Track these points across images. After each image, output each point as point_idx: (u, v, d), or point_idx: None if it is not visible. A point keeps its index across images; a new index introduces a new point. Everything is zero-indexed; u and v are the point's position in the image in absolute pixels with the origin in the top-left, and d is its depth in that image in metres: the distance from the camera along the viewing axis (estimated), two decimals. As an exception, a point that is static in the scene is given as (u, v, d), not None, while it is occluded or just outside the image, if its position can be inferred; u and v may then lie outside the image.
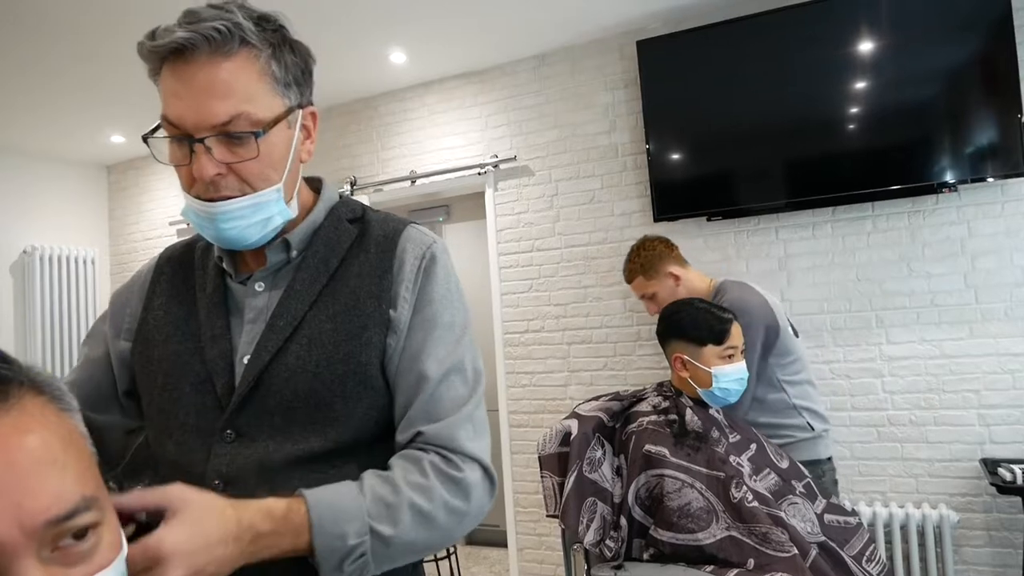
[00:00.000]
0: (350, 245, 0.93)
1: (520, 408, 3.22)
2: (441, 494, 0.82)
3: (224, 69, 0.79)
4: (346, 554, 0.75)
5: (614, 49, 3.07)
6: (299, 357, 0.85)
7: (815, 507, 1.67)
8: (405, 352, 0.88)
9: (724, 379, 1.66)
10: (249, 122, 0.80)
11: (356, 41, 3.00)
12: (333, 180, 3.69)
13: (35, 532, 0.43)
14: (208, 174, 0.80)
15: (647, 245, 2.36)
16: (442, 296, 0.92)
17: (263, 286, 0.91)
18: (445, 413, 0.86)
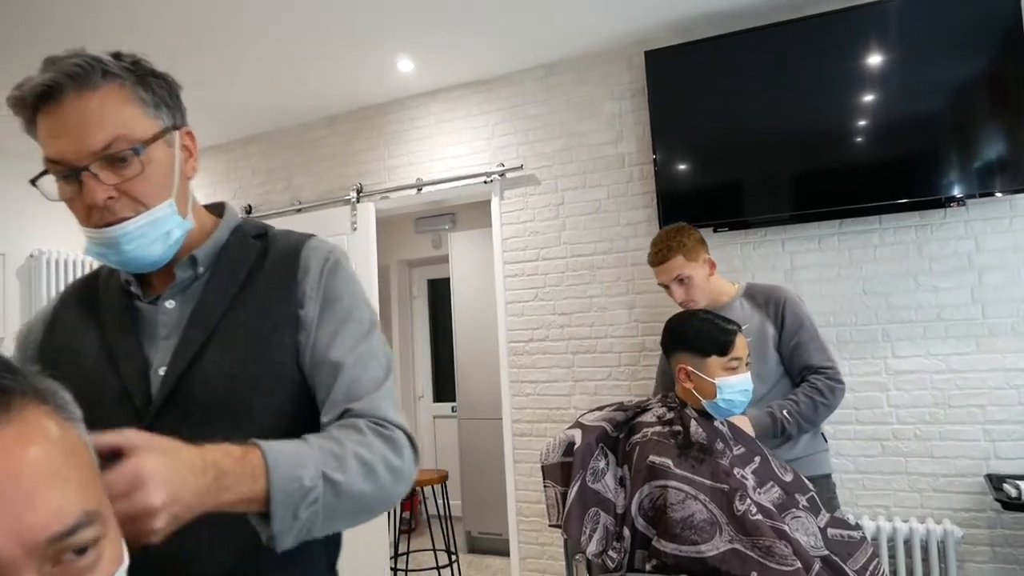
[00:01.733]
0: (256, 258, 1.00)
1: (524, 417, 3.22)
2: (380, 448, 0.88)
3: (93, 100, 0.84)
4: (301, 498, 0.77)
5: (622, 59, 3.08)
6: (214, 362, 0.91)
7: (818, 521, 1.66)
8: (317, 346, 0.95)
9: (728, 390, 1.65)
10: (127, 142, 0.86)
11: (364, 50, 3.01)
12: (339, 187, 3.70)
13: (36, 548, 0.42)
14: (100, 198, 0.84)
15: (687, 229, 2.24)
16: (348, 293, 1.00)
17: (173, 303, 0.96)
18: (367, 391, 0.93)
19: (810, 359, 2.09)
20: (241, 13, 2.64)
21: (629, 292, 3.02)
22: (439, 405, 6.01)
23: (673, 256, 2.19)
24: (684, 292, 2.19)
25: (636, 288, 3.01)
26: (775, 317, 2.12)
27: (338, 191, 3.71)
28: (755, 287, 2.22)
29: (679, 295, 2.21)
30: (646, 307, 2.98)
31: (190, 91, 1.03)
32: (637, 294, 3.01)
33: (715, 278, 2.22)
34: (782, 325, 2.11)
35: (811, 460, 2.12)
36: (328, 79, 3.31)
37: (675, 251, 2.19)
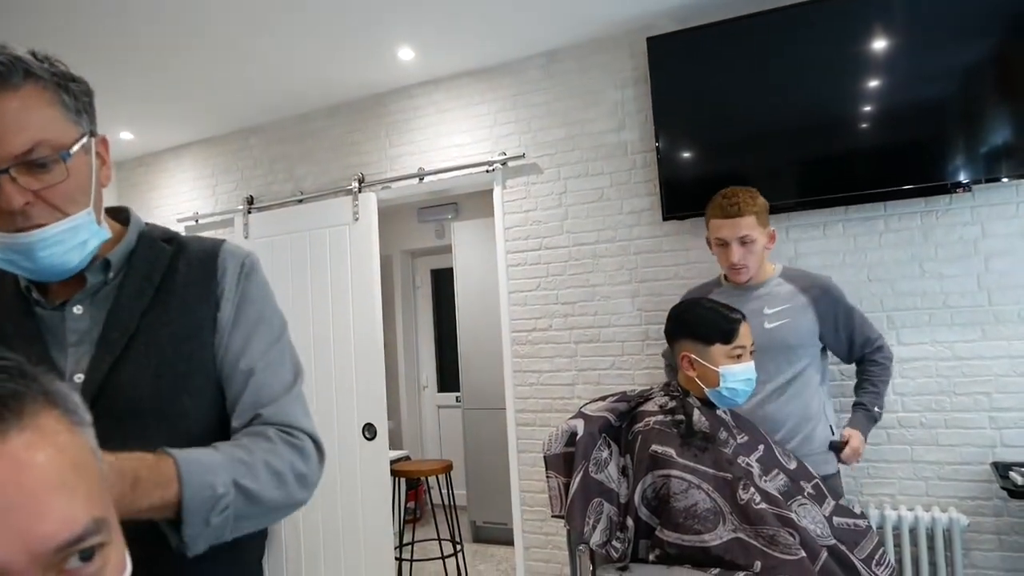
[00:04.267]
0: (169, 261, 0.99)
1: (527, 407, 3.21)
2: (288, 455, 0.91)
3: (14, 100, 0.80)
4: (213, 504, 0.79)
5: (623, 46, 3.05)
6: (138, 363, 0.90)
7: (823, 509, 1.65)
8: (230, 348, 0.97)
9: (732, 379, 1.64)
10: (50, 148, 0.83)
11: (364, 38, 2.99)
12: (341, 178, 3.69)
13: (43, 557, 0.42)
14: (17, 203, 0.81)
15: (758, 194, 2.15)
16: (261, 298, 1.02)
17: (82, 309, 0.94)
18: (276, 395, 0.96)
19: (867, 334, 2.18)
20: (240, 3, 2.62)
21: (632, 281, 3.01)
22: (443, 395, 6.01)
23: (748, 213, 2.07)
24: (742, 254, 2.09)
25: (639, 277, 2.99)
26: (817, 304, 2.12)
27: (340, 181, 3.69)
28: (796, 271, 2.23)
29: (736, 255, 2.10)
30: (649, 296, 2.97)
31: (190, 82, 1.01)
32: (640, 283, 2.99)
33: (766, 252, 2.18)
34: (829, 313, 2.12)
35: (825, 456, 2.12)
36: (329, 69, 3.29)
37: (751, 209, 2.08)
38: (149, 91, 3.34)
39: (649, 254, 2.98)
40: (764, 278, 2.18)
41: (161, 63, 3.04)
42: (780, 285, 2.16)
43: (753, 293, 2.17)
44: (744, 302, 2.08)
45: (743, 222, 2.07)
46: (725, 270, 2.22)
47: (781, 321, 2.11)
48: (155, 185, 4.38)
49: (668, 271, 2.94)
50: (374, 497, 3.36)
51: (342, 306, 3.48)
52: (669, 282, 2.93)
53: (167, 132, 4.07)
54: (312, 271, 3.59)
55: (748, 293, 2.17)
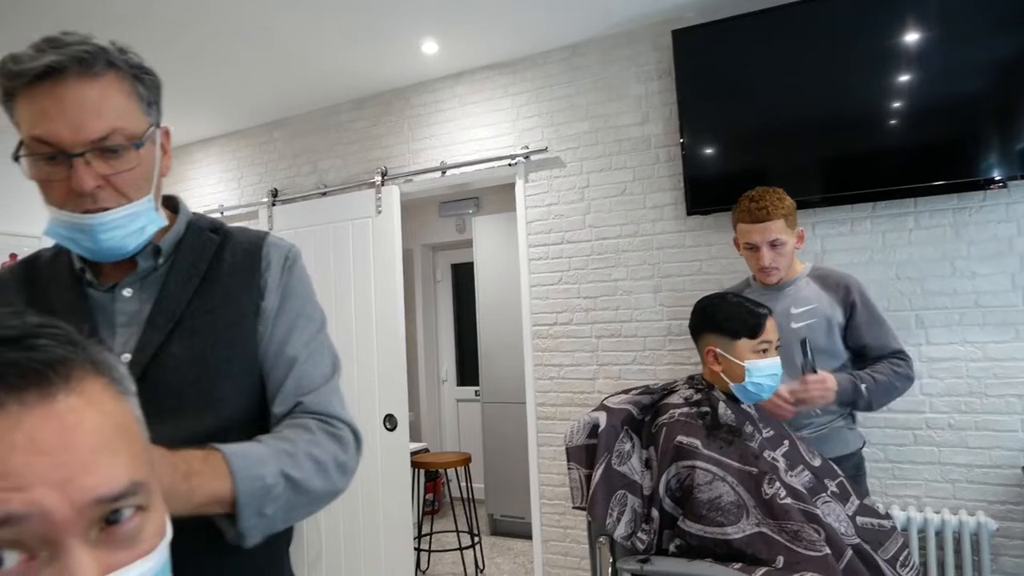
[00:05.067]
0: (215, 251, 1.02)
1: (548, 400, 3.20)
2: (329, 446, 0.93)
3: (94, 88, 0.85)
4: (264, 495, 0.81)
5: (648, 39, 3.03)
6: (184, 347, 0.93)
7: (847, 508, 1.63)
8: (273, 338, 0.99)
9: (757, 374, 1.62)
10: (123, 136, 0.87)
11: (388, 32, 2.99)
12: (364, 171, 3.70)
13: (85, 510, 0.43)
14: (89, 186, 0.85)
15: (784, 193, 2.12)
16: (304, 292, 1.05)
17: (131, 292, 0.97)
18: (316, 385, 0.99)
19: (889, 344, 2.08)
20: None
21: (655, 276, 2.98)
22: (462, 389, 6.02)
23: (776, 217, 2.05)
24: (772, 257, 2.08)
25: (662, 272, 2.97)
26: (844, 303, 2.08)
27: (363, 175, 3.70)
28: (823, 269, 2.18)
29: (766, 258, 2.08)
30: (672, 291, 2.94)
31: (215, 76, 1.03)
32: (663, 278, 2.97)
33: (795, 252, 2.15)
34: (852, 312, 2.07)
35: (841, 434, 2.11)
36: (353, 63, 3.29)
37: (779, 212, 2.06)
38: (179, 86, 3.37)
39: (672, 249, 2.95)
40: (793, 276, 2.15)
41: (190, 59, 3.06)
42: (808, 284, 2.14)
43: (781, 293, 2.15)
44: (773, 302, 2.06)
45: (772, 226, 2.05)
46: (755, 272, 2.19)
47: (807, 321, 2.08)
48: (182, 177, 4.42)
49: (691, 266, 2.91)
50: (394, 487, 3.37)
51: (364, 298, 3.49)
52: (692, 277, 2.90)
53: (195, 125, 4.10)
54: (335, 264, 3.61)
55: (777, 293, 2.15)
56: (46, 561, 0.42)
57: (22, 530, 0.41)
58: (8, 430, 0.42)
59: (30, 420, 0.42)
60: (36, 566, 0.42)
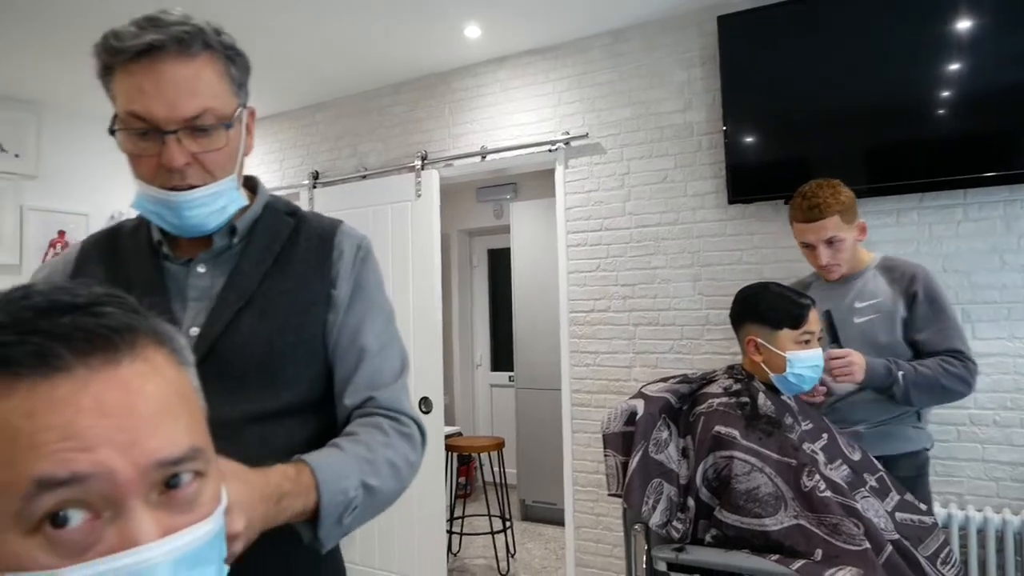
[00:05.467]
0: (289, 234, 1.04)
1: (583, 387, 3.20)
2: (402, 447, 0.95)
3: (190, 68, 0.87)
4: (345, 507, 0.83)
5: (692, 25, 2.99)
6: (252, 327, 0.94)
7: (886, 504, 1.61)
8: (345, 327, 1.00)
9: (799, 365, 1.61)
10: (215, 116, 0.89)
11: (432, 16, 3.00)
12: (404, 155, 3.72)
13: (147, 472, 0.45)
14: (179, 162, 0.87)
15: (843, 187, 2.00)
16: (376, 283, 1.06)
17: (205, 268, 0.99)
18: (387, 381, 1.00)
19: (947, 341, 1.92)
20: (312, -23, 2.65)
21: (694, 264, 2.96)
22: (496, 374, 6.06)
23: (830, 215, 1.95)
24: (831, 255, 1.99)
25: (701, 261, 2.94)
26: (906, 294, 1.96)
27: (403, 158, 3.72)
28: (893, 260, 2.06)
29: (824, 257, 1.99)
30: (711, 280, 2.92)
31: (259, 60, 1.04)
32: (702, 267, 2.94)
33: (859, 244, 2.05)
34: (912, 303, 1.95)
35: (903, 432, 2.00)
36: (396, 46, 3.31)
37: (832, 209, 1.95)
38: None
39: (712, 238, 2.92)
40: (859, 269, 2.05)
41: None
42: (875, 277, 2.02)
43: (846, 287, 2.05)
44: (837, 297, 2.01)
45: (827, 224, 1.96)
46: (816, 270, 2.11)
47: (870, 316, 1.98)
48: (224, 159, 4.49)
49: (732, 255, 2.88)
50: (428, 469, 3.40)
51: (402, 282, 3.52)
52: (732, 267, 2.87)
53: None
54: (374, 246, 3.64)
55: (841, 287, 2.06)
56: (109, 520, 0.44)
57: (87, 489, 0.43)
58: (75, 393, 0.43)
59: (96, 384, 0.44)
60: (100, 525, 0.44)
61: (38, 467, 0.42)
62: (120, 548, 0.44)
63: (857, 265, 2.05)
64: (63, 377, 0.43)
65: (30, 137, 3.87)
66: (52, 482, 0.42)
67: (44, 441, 0.42)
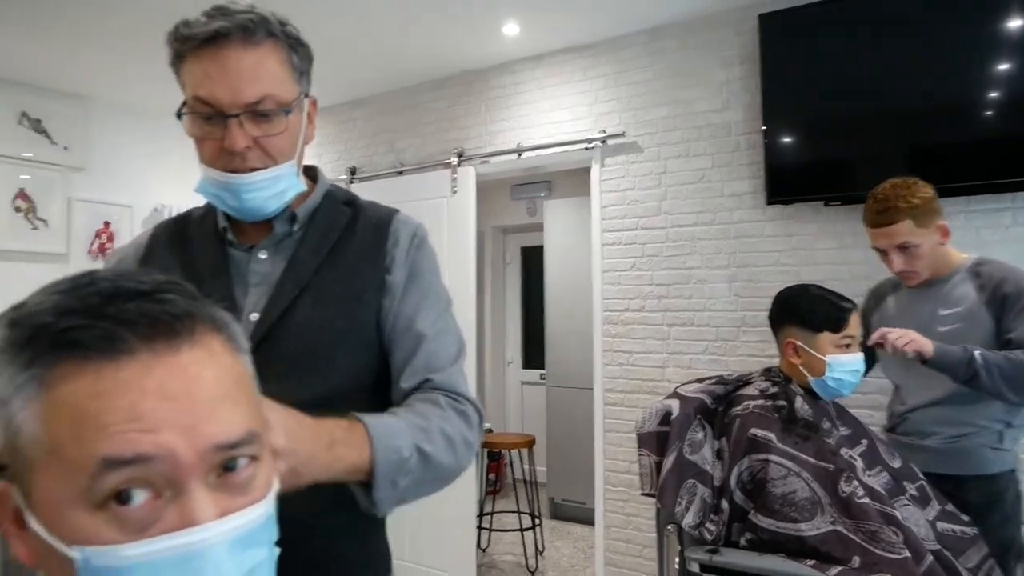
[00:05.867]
0: (346, 224, 1.05)
1: (616, 387, 3.19)
2: (457, 423, 0.94)
3: (254, 55, 0.90)
4: (399, 467, 0.83)
5: (731, 23, 2.96)
6: (305, 315, 0.96)
7: (926, 513, 1.58)
8: (401, 313, 1.01)
9: (839, 369, 1.59)
10: (275, 102, 0.92)
11: (471, 13, 3.01)
12: (440, 151, 3.74)
13: (206, 454, 0.47)
14: (240, 145, 0.90)
15: (920, 187, 1.83)
16: (432, 270, 1.07)
17: (266, 254, 1.02)
18: (444, 365, 1.00)
19: None
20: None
21: (730, 265, 2.93)
22: (527, 372, 6.06)
23: (900, 219, 1.80)
24: (905, 261, 1.84)
25: (738, 261, 2.91)
26: (994, 298, 1.78)
27: (439, 155, 3.74)
28: (982, 262, 1.87)
29: (898, 263, 1.85)
30: (747, 281, 2.89)
31: None
32: (739, 267, 2.91)
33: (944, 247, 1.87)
34: (1002, 306, 1.77)
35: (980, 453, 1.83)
36: (434, 43, 3.33)
37: (903, 214, 1.80)
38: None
39: (750, 239, 2.89)
40: (945, 273, 1.88)
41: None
42: (963, 282, 1.85)
43: (929, 293, 1.90)
44: (920, 303, 1.89)
45: (898, 229, 1.81)
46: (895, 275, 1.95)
47: (954, 325, 1.82)
48: (264, 153, 4.56)
49: (769, 257, 2.85)
50: (459, 465, 3.43)
51: (436, 277, 3.54)
52: (769, 268, 2.84)
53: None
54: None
55: (924, 293, 1.91)
56: (169, 500, 0.46)
57: (150, 469, 0.44)
58: (139, 376, 0.45)
59: (159, 368, 0.46)
60: (161, 504, 0.45)
61: (105, 447, 0.43)
62: (179, 527, 0.45)
63: (942, 269, 1.88)
64: (128, 361, 0.45)
65: (79, 130, 3.97)
66: (118, 461, 0.43)
67: (110, 422, 0.44)
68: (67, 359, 0.45)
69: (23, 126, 3.75)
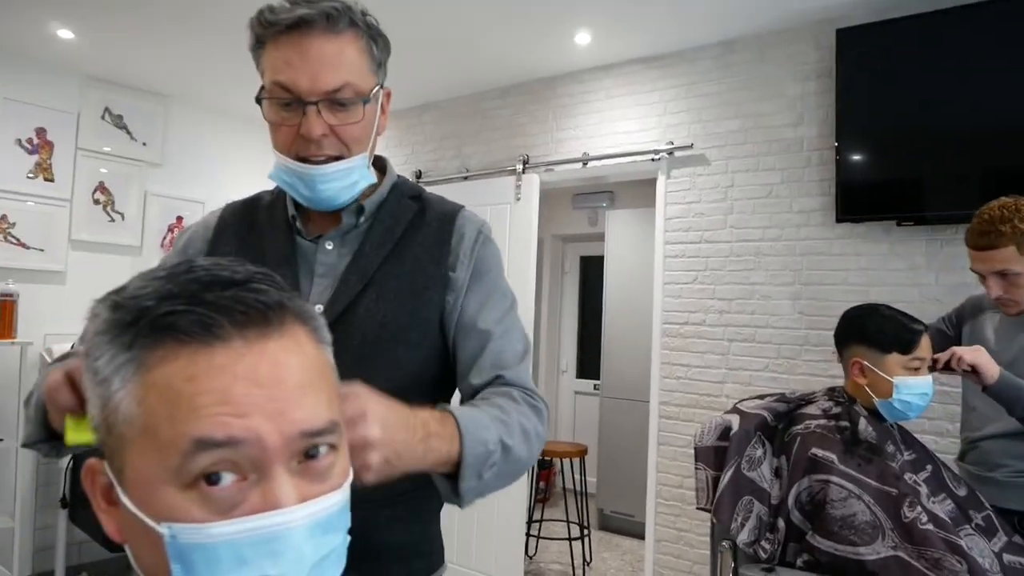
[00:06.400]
0: (411, 218, 1.05)
1: (672, 400, 3.17)
2: (532, 418, 0.95)
3: (335, 44, 0.91)
4: (485, 460, 0.83)
5: (808, 37, 2.92)
6: (368, 309, 0.96)
7: (992, 544, 1.53)
8: (466, 310, 1.01)
9: (907, 391, 1.55)
10: (353, 91, 0.92)
11: (544, 22, 3.04)
12: (506, 158, 3.79)
13: (291, 441, 0.49)
14: (317, 132, 0.91)
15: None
16: (497, 268, 1.07)
17: (332, 245, 1.02)
18: (512, 363, 1.00)
19: None
20: (430, -17, 2.74)
21: (796, 283, 2.88)
22: (581, 381, 6.05)
23: (1003, 244, 1.66)
24: (1003, 288, 1.71)
25: (803, 279, 2.86)
26: None
27: (504, 161, 3.78)
28: None
29: (995, 290, 1.72)
30: (812, 300, 2.83)
31: None
32: (804, 285, 2.86)
33: None
34: None
35: None
36: (505, 51, 3.37)
37: (1006, 239, 1.65)
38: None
39: (817, 256, 2.84)
40: None
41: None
42: None
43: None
44: (1014, 333, 1.79)
45: (999, 255, 1.67)
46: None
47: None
48: (334, 155, 4.67)
49: (836, 275, 2.79)
50: (511, 470, 3.45)
51: (497, 282, 3.57)
52: (836, 287, 2.78)
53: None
54: (471, 246, 3.72)
55: (1019, 323, 1.80)
56: (254, 483, 0.48)
57: (239, 452, 0.47)
58: (232, 362, 0.47)
59: (250, 355, 0.48)
60: (246, 486, 0.47)
61: (197, 428, 0.46)
62: (263, 509, 0.47)
63: None
64: (221, 346, 0.47)
65: (157, 127, 4.14)
66: (209, 443, 0.46)
67: (203, 404, 0.46)
68: (165, 342, 0.47)
69: (105, 121, 3.94)
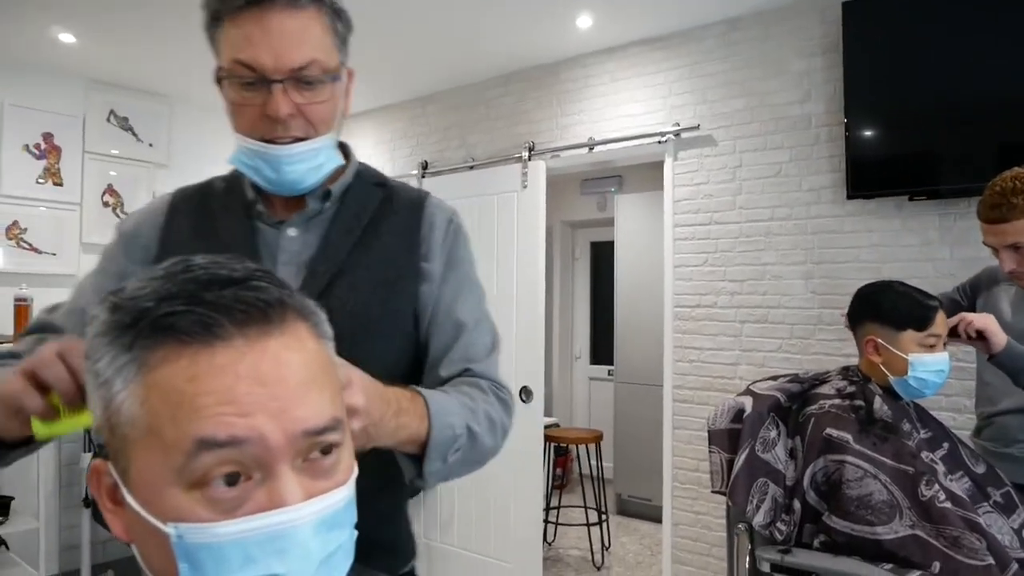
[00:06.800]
0: (378, 205, 1.02)
1: (686, 383, 3.15)
2: (498, 409, 0.95)
3: (298, 19, 0.86)
4: (451, 443, 0.83)
5: (813, 12, 2.87)
6: (340, 299, 0.92)
7: (1011, 521, 1.51)
8: (440, 301, 1.00)
9: (922, 368, 1.53)
10: (320, 69, 0.88)
11: (544, 4, 3.00)
12: (511, 146, 3.77)
13: (294, 439, 0.48)
14: (283, 112, 0.86)
15: None
16: (469, 259, 1.06)
17: (296, 232, 0.98)
18: (481, 356, 1.00)
19: None
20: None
21: (807, 261, 2.85)
22: (595, 367, 6.05)
23: (1016, 217, 1.61)
24: (1017, 261, 1.66)
25: (815, 258, 2.83)
26: None
27: (510, 149, 3.76)
28: None
29: (1008, 264, 1.67)
30: (825, 278, 2.81)
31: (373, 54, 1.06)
32: (816, 264, 2.83)
33: None
34: None
35: None
36: (507, 38, 3.35)
37: (1019, 212, 1.60)
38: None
39: (828, 234, 2.81)
40: None
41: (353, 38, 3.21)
42: None
43: None
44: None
45: (1011, 228, 1.62)
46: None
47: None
48: (340, 148, 4.67)
49: (848, 253, 2.76)
50: (527, 457, 3.46)
51: (507, 271, 3.57)
52: (848, 265, 2.75)
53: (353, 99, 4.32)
54: (480, 236, 3.71)
55: None
56: (259, 482, 0.47)
57: (243, 452, 0.46)
58: (234, 361, 0.47)
59: (252, 354, 0.48)
60: (251, 486, 0.47)
61: (200, 428, 0.45)
62: (268, 508, 0.47)
63: None
64: (223, 345, 0.47)
65: (163, 128, 4.16)
66: (212, 443, 0.45)
67: (205, 404, 0.46)
68: (166, 343, 0.47)
69: (111, 123, 3.95)
